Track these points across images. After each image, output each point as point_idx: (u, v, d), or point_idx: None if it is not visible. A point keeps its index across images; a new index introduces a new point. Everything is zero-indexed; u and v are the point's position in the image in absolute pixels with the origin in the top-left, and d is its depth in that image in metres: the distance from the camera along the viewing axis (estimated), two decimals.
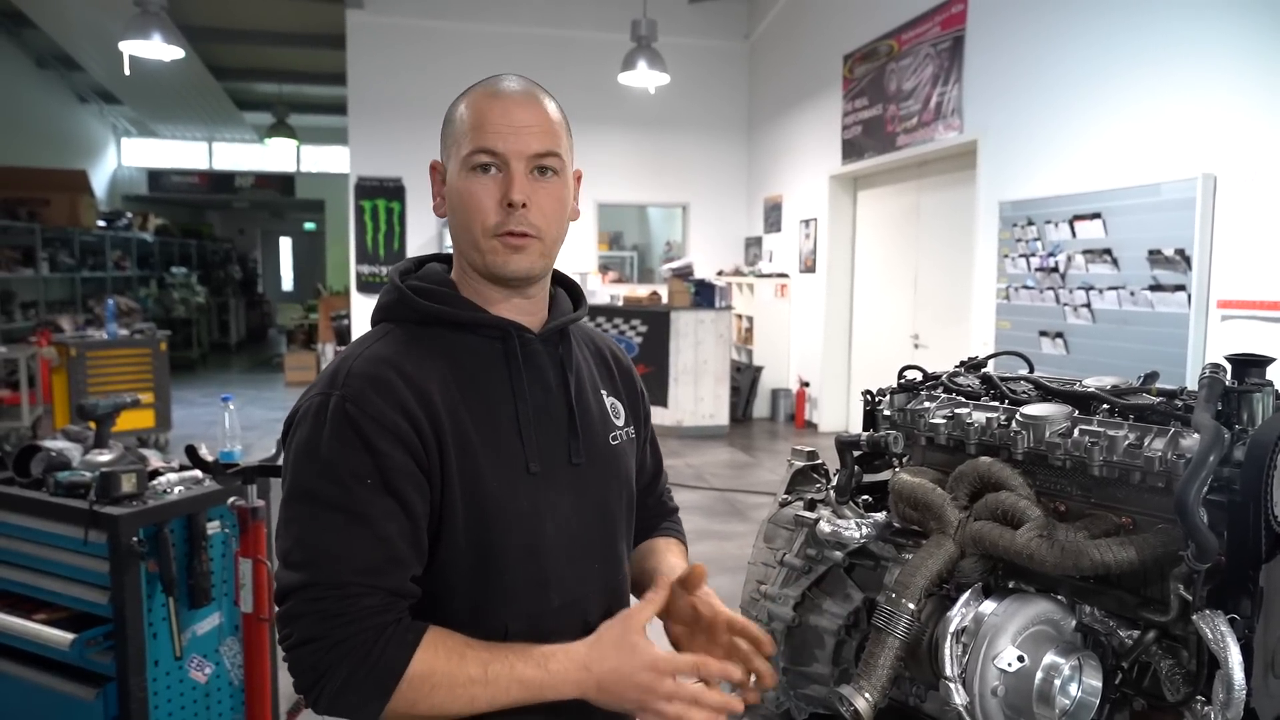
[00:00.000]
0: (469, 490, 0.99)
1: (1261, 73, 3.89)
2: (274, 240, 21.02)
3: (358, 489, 0.94)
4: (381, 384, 0.97)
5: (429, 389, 0.99)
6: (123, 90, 12.45)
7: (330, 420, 0.96)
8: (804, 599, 1.20)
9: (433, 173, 1.11)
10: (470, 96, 1.06)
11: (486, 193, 1.03)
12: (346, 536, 0.93)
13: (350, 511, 0.93)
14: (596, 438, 1.14)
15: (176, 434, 7.42)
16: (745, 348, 9.36)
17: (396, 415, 0.96)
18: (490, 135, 1.02)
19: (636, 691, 0.96)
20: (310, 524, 0.94)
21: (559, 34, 9.59)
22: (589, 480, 1.11)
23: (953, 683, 1.00)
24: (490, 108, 1.03)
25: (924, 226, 7.20)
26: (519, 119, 1.03)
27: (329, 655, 0.90)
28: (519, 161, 1.02)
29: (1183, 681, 0.95)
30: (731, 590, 1.18)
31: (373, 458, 0.94)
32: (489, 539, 1.01)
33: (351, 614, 0.91)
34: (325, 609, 0.91)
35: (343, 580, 0.92)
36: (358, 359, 1.01)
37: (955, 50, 6.20)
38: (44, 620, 2.33)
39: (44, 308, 10.33)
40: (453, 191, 1.05)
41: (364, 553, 0.93)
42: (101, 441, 2.53)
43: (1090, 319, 4.79)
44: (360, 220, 9.56)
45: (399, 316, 1.08)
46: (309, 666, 0.91)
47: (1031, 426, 1.10)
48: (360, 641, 0.90)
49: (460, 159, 1.04)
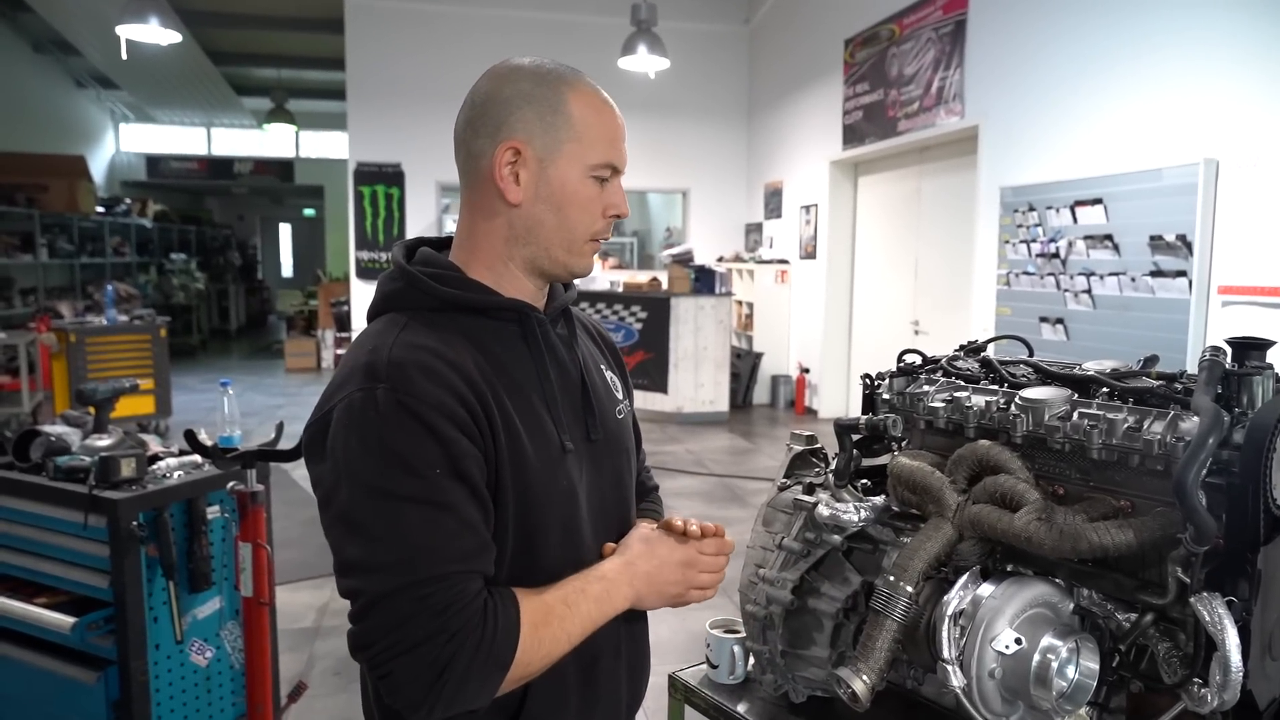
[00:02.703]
0: (517, 472, 0.99)
1: (1264, 58, 3.87)
2: (273, 226, 20.98)
3: (435, 478, 0.91)
4: (428, 370, 0.94)
5: (471, 373, 0.97)
6: (120, 75, 12.40)
7: (386, 413, 0.91)
8: (802, 582, 1.20)
9: (512, 154, 1.02)
10: (580, 95, 1.04)
11: (598, 201, 1.06)
12: (436, 527, 0.90)
13: (433, 502, 0.90)
14: (607, 413, 1.16)
15: (176, 420, 7.43)
16: (745, 334, 9.35)
17: (452, 400, 0.93)
18: (618, 152, 1.07)
19: (678, 571, 1.10)
20: (394, 522, 0.90)
21: (559, 18, 9.54)
22: (605, 455, 1.13)
23: (950, 665, 1.00)
24: (611, 119, 1.06)
25: (925, 212, 7.18)
26: (624, 134, 1.09)
27: (449, 646, 0.88)
28: (618, 177, 1.08)
29: (1180, 664, 0.95)
30: (730, 575, 1.18)
31: (440, 445, 0.91)
32: (532, 520, 1.01)
33: (462, 602, 0.89)
34: (435, 604, 0.88)
35: (445, 572, 0.89)
36: (392, 348, 0.96)
37: (957, 35, 6.16)
38: (45, 604, 2.33)
39: (43, 294, 10.31)
40: (564, 190, 1.04)
41: (457, 541, 0.91)
42: (101, 426, 2.53)
43: (1091, 305, 4.78)
44: (359, 206, 9.53)
45: (410, 304, 1.04)
46: (428, 665, 0.87)
47: (1030, 410, 1.10)
48: (476, 625, 0.90)
49: (586, 164, 1.04)
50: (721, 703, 1.31)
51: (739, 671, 1.35)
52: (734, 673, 1.35)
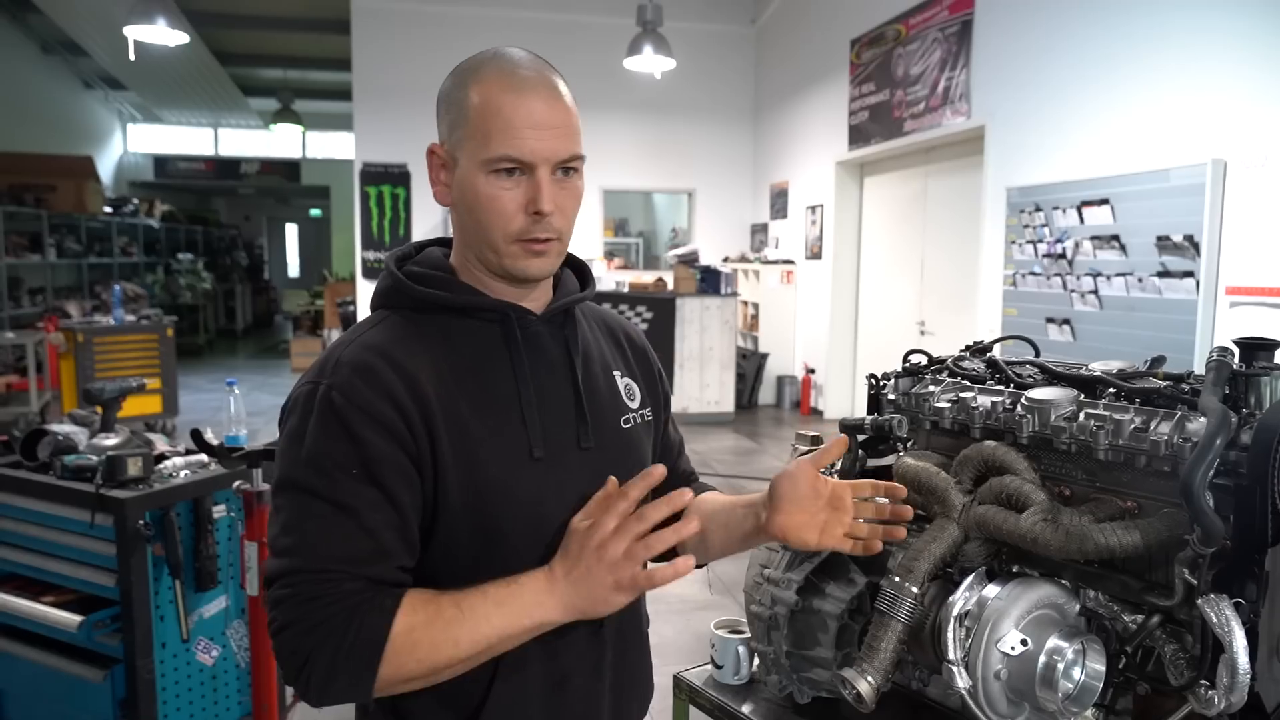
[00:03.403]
0: (467, 477, 0.97)
1: (1272, 58, 3.85)
2: (280, 226, 21.03)
3: (343, 479, 0.93)
4: (369, 372, 0.95)
5: (419, 376, 0.97)
6: (128, 76, 12.44)
7: (316, 410, 0.95)
8: (807, 583, 1.20)
9: (432, 157, 1.03)
10: (484, 84, 0.97)
11: (510, 198, 0.97)
12: (330, 525, 0.92)
13: (335, 501, 0.92)
14: (606, 420, 1.10)
15: (183, 419, 7.45)
16: (751, 334, 9.34)
17: (383, 404, 0.94)
18: (515, 141, 0.95)
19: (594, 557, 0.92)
20: (295, 513, 0.94)
21: (565, 18, 9.54)
22: (599, 465, 1.06)
23: (956, 666, 1.00)
24: (514, 106, 0.95)
25: (931, 213, 7.16)
26: (545, 119, 0.96)
27: (309, 638, 0.89)
28: (545, 167, 0.97)
29: (1186, 666, 0.95)
30: (736, 576, 1.18)
31: (357, 447, 0.93)
32: (491, 525, 0.99)
33: (330, 596, 0.90)
34: (303, 592, 0.90)
35: (323, 568, 0.91)
36: (348, 347, 0.99)
37: (963, 35, 6.15)
38: (52, 603, 2.34)
39: (51, 294, 10.36)
40: (467, 189, 0.99)
41: (347, 542, 0.92)
42: (108, 426, 2.54)
43: (1098, 306, 4.76)
44: (366, 206, 9.55)
45: (396, 303, 1.05)
46: (290, 651, 0.90)
47: (1037, 410, 1.10)
48: (338, 622, 0.89)
49: (479, 160, 0.97)
50: (726, 703, 1.31)
51: (744, 672, 1.35)
52: (739, 673, 1.35)
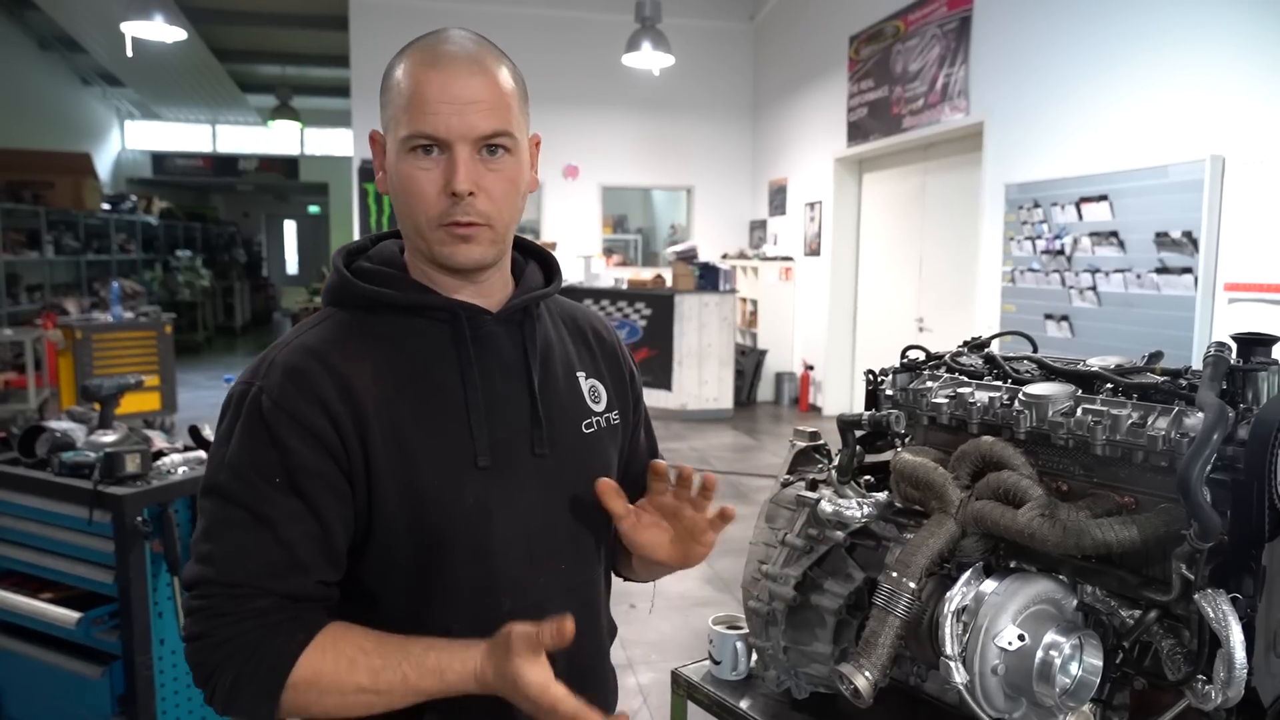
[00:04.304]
0: (404, 486, 0.93)
1: (1271, 54, 3.85)
2: (278, 223, 21.00)
3: (263, 488, 0.89)
4: (300, 376, 0.91)
5: (355, 381, 0.93)
6: (125, 72, 12.42)
7: (245, 413, 0.91)
8: (805, 578, 1.20)
9: (373, 144, 0.99)
10: (408, 62, 0.94)
11: (428, 179, 0.92)
12: (246, 536, 0.89)
13: (253, 511, 0.89)
14: (566, 426, 1.05)
15: (182, 416, 7.44)
16: (749, 331, 9.34)
17: (312, 411, 0.90)
18: (429, 116, 0.90)
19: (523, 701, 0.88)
20: (214, 519, 0.91)
21: (563, 15, 9.53)
22: (557, 472, 1.02)
23: (953, 661, 1.00)
24: (428, 80, 0.91)
25: (929, 209, 7.16)
26: (462, 93, 0.91)
27: (215, 654, 0.87)
28: (464, 145, 0.91)
29: (1184, 661, 0.95)
30: (734, 572, 1.18)
31: (281, 456, 0.89)
32: (432, 537, 0.94)
33: (239, 614, 0.87)
34: (214, 606, 0.88)
35: (235, 580, 0.88)
36: (284, 348, 0.95)
37: (962, 31, 6.14)
38: (50, 599, 2.34)
39: (49, 290, 10.34)
40: (393, 173, 0.95)
41: (262, 554, 0.89)
42: (106, 422, 2.54)
43: (1096, 302, 4.76)
44: (364, 203, 9.53)
45: (344, 301, 1.01)
46: (198, 663, 0.89)
47: (1034, 406, 1.10)
48: (246, 642, 0.87)
49: (399, 139, 0.92)
50: (724, 699, 1.31)
51: (742, 668, 1.35)
52: (737, 669, 1.35)
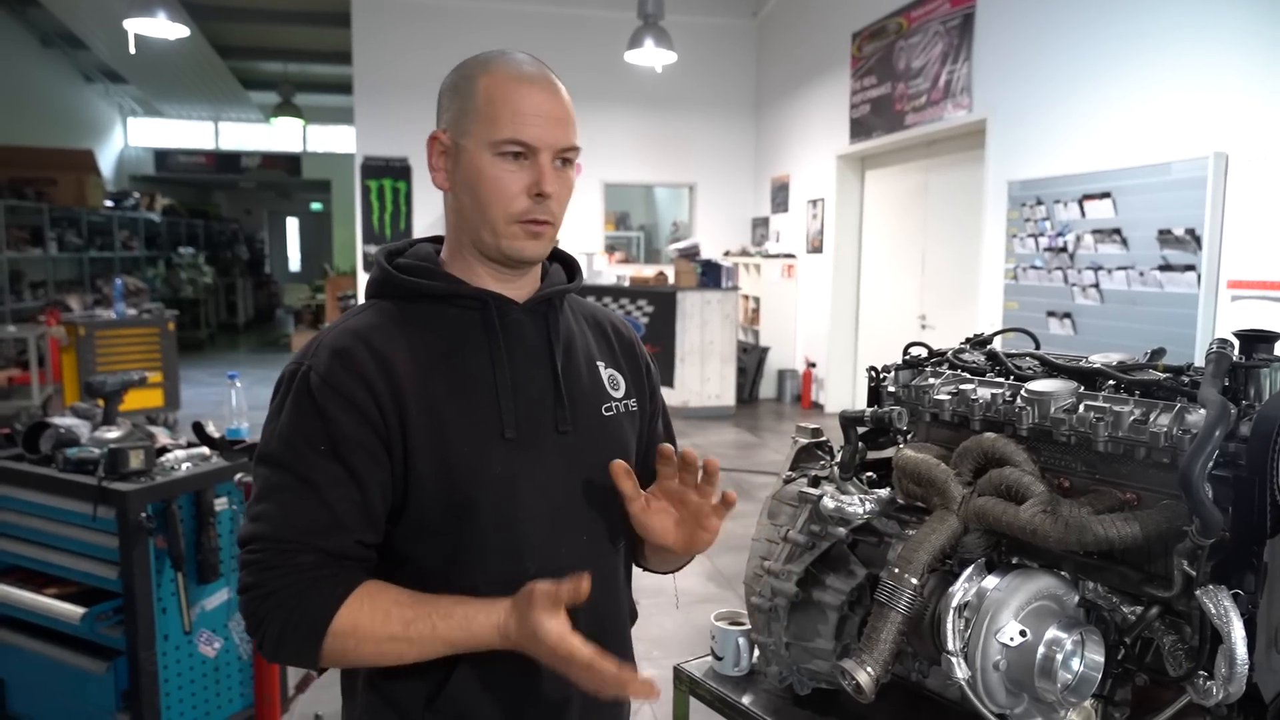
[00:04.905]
0: (437, 456, 1.03)
1: (1274, 51, 3.84)
2: (281, 220, 21.01)
3: (309, 455, 0.99)
4: (345, 356, 1.02)
5: (394, 359, 1.03)
6: (128, 69, 12.42)
7: (295, 389, 1.02)
8: (807, 575, 1.20)
9: (433, 143, 1.10)
10: (492, 76, 1.06)
11: (514, 180, 1.05)
12: (292, 498, 0.99)
13: (300, 475, 0.99)
14: (586, 408, 1.14)
15: (185, 413, 7.46)
16: (752, 328, 9.34)
17: (355, 386, 1.01)
18: (525, 126, 1.04)
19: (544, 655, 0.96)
20: (266, 483, 1.01)
21: (565, 12, 9.52)
22: (578, 450, 1.11)
23: (955, 657, 1.00)
24: (521, 95, 1.05)
25: (932, 206, 7.15)
26: (549, 110, 1.06)
27: (264, 604, 0.97)
28: (548, 154, 1.05)
29: (1185, 657, 0.95)
30: (736, 568, 1.18)
31: (326, 426, 1.00)
32: (461, 501, 1.04)
33: (286, 567, 0.97)
34: (264, 560, 0.98)
35: (283, 536, 0.98)
36: (332, 332, 1.07)
37: (965, 28, 6.13)
38: (55, 595, 2.35)
39: (52, 287, 10.37)
40: (472, 171, 1.06)
41: (307, 514, 0.99)
42: (109, 418, 2.55)
43: (1099, 299, 4.76)
44: (366, 200, 9.54)
45: (384, 293, 1.12)
46: (250, 613, 0.99)
47: (1036, 402, 1.10)
48: (291, 594, 0.97)
49: (488, 142, 1.04)
50: (726, 694, 1.31)
51: (744, 663, 1.36)
52: (739, 665, 1.36)
